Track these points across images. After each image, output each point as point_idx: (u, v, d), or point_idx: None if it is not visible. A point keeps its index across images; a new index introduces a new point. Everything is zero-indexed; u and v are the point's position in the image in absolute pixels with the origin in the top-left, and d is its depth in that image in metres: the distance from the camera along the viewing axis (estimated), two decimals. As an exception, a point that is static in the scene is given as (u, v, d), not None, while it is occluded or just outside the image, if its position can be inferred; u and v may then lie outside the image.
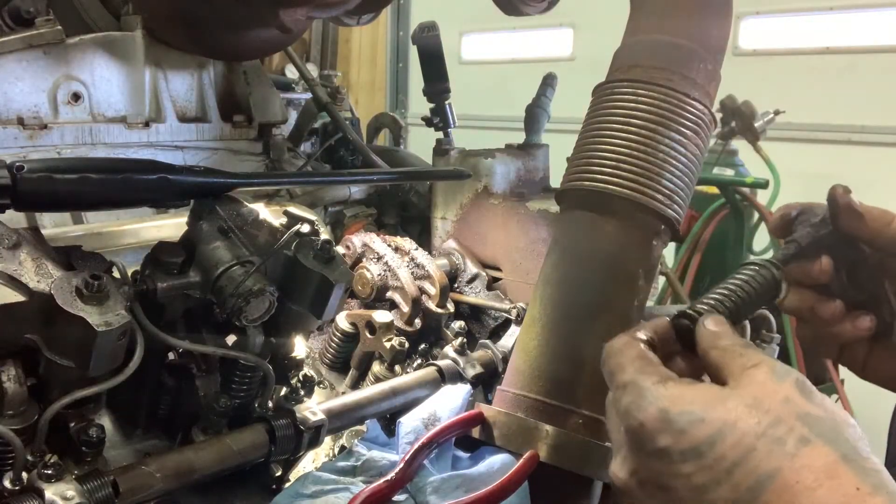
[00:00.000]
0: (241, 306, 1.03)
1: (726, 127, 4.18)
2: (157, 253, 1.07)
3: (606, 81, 1.22)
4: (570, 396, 1.09)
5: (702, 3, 1.23)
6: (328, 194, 1.86)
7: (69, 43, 1.56)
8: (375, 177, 1.75)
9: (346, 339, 1.52)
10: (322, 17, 1.97)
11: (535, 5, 1.99)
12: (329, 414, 1.14)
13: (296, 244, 1.10)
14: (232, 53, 1.82)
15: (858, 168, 4.98)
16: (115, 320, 0.93)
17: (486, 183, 1.75)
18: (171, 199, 1.12)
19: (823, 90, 5.10)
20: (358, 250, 1.64)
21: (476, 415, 1.11)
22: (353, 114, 2.50)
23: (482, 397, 1.41)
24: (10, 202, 0.96)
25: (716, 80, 1.21)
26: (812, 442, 0.64)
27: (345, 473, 1.11)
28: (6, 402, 0.95)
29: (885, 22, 4.94)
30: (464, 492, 1.02)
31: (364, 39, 7.38)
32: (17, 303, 0.93)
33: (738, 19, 5.47)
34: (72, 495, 0.86)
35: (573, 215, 1.19)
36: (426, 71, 2.00)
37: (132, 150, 1.65)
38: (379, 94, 7.61)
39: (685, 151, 1.15)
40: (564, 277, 1.15)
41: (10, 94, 1.49)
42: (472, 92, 5.71)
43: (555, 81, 1.97)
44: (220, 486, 1.11)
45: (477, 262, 1.74)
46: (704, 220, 4.21)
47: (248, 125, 1.87)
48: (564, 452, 1.04)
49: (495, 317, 1.68)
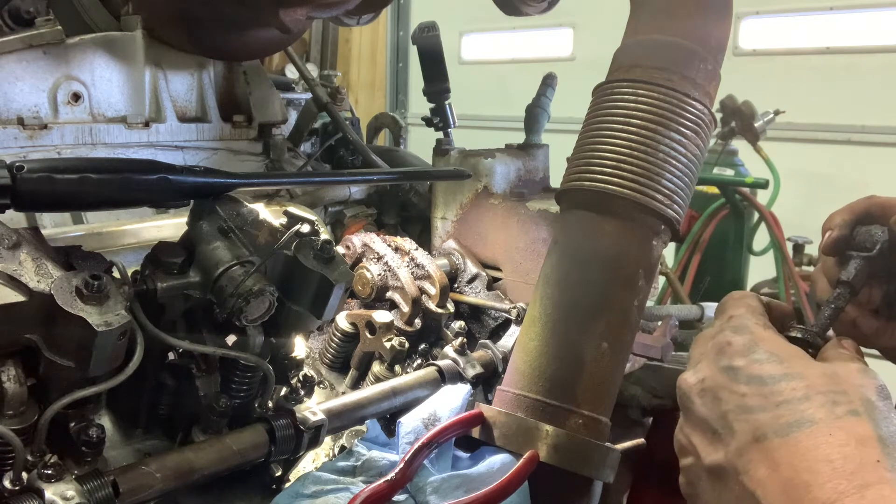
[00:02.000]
0: (241, 306, 1.03)
1: (726, 127, 4.19)
2: (157, 253, 1.07)
3: (606, 81, 1.22)
4: (570, 396, 1.08)
5: (702, 3, 1.23)
6: (328, 194, 1.86)
7: (69, 43, 1.56)
8: (375, 177, 1.75)
9: (346, 339, 1.52)
10: (322, 17, 1.97)
11: (535, 5, 1.99)
12: (329, 414, 1.14)
13: (296, 244, 1.10)
14: (232, 53, 1.82)
15: (858, 168, 4.99)
16: (115, 320, 0.93)
17: (486, 183, 1.75)
18: (171, 199, 1.12)
19: (823, 90, 5.10)
20: (358, 250, 1.64)
21: (476, 415, 1.11)
22: (353, 114, 2.50)
23: (482, 397, 1.41)
24: (10, 202, 0.96)
25: (716, 80, 1.21)
26: (861, 416, 0.68)
27: (345, 473, 1.11)
28: (6, 402, 0.95)
29: (885, 22, 4.94)
30: (464, 492, 1.02)
31: (364, 39, 7.38)
32: (17, 303, 0.93)
33: (738, 19, 5.47)
34: (72, 495, 0.86)
35: (573, 215, 1.19)
36: (426, 71, 2.00)
37: (132, 150, 1.65)
38: (379, 94, 7.61)
39: (685, 151, 1.15)
40: (564, 277, 1.15)
41: (10, 94, 1.49)
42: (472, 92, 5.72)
43: (555, 81, 1.97)
44: (220, 486, 1.11)
45: (477, 262, 1.74)
46: (704, 220, 4.22)
47: (248, 125, 1.87)
48: (564, 452, 1.04)
49: (495, 317, 1.68)
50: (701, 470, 0.76)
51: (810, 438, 0.67)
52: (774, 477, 0.67)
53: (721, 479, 0.73)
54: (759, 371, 0.74)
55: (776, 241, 4.07)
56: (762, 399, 0.72)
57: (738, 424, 0.72)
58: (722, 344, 0.78)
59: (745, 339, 0.77)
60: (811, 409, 0.69)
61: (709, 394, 0.76)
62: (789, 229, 4.11)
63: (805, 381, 0.71)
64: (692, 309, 2.28)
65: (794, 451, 0.67)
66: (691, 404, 0.78)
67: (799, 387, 0.71)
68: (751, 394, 0.73)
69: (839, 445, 0.66)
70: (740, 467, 0.70)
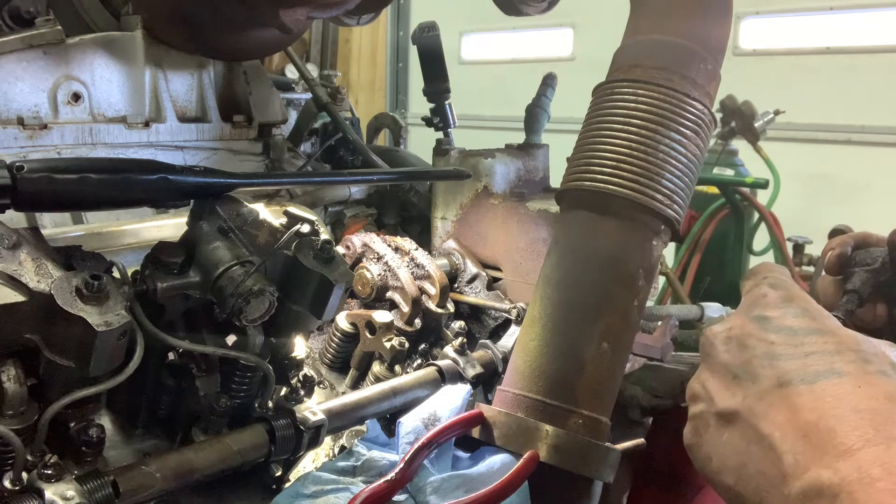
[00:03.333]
0: (241, 306, 1.03)
1: (726, 127, 4.19)
2: (157, 253, 1.07)
3: (606, 81, 1.22)
4: (570, 396, 1.08)
5: (702, 3, 1.22)
6: (328, 194, 1.86)
7: (69, 43, 1.56)
8: (375, 177, 1.75)
9: (346, 339, 1.52)
10: (322, 17, 1.97)
11: (535, 5, 1.99)
12: (329, 414, 1.14)
13: (296, 244, 1.10)
14: (232, 53, 1.82)
15: (858, 168, 4.99)
16: (115, 320, 0.93)
17: (486, 183, 1.75)
18: (171, 199, 1.11)
19: (823, 90, 5.11)
20: (358, 250, 1.64)
21: (476, 415, 1.11)
22: (353, 114, 2.50)
23: (482, 397, 1.41)
24: (10, 202, 0.96)
25: (716, 80, 1.21)
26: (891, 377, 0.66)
27: (345, 473, 1.11)
28: (6, 402, 0.95)
29: (885, 22, 4.95)
30: (464, 492, 1.02)
31: (364, 39, 7.39)
32: (17, 303, 0.93)
33: (738, 19, 5.48)
34: (72, 495, 0.86)
35: (573, 215, 1.19)
36: (426, 71, 2.00)
37: (132, 150, 1.66)
38: (379, 94, 7.62)
39: (685, 151, 1.15)
40: (564, 277, 1.15)
41: (10, 94, 1.49)
42: (472, 92, 5.72)
43: (555, 81, 1.97)
44: (220, 486, 1.11)
45: (477, 262, 1.74)
46: (704, 220, 4.22)
47: (248, 125, 1.87)
48: (564, 452, 1.04)
49: (495, 317, 1.68)
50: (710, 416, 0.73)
51: (838, 388, 0.65)
52: (795, 421, 0.65)
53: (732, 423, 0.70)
54: (791, 323, 0.72)
55: (776, 241, 4.07)
56: (791, 348, 0.70)
57: (762, 370, 0.70)
58: (757, 296, 0.77)
59: (780, 294, 0.76)
60: (841, 363, 0.67)
61: (734, 341, 0.75)
62: (789, 229, 4.11)
63: (837, 337, 0.70)
64: (692, 309, 2.28)
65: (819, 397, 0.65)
66: (714, 350, 0.76)
67: (830, 342, 0.69)
68: (780, 342, 0.71)
69: (868, 398, 0.63)
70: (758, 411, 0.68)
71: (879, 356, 0.68)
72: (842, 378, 0.65)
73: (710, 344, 0.78)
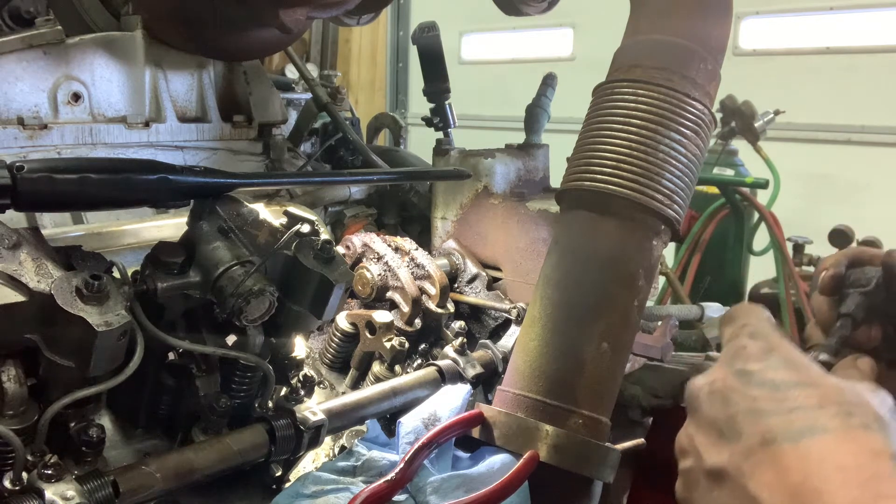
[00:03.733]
0: (241, 306, 1.03)
1: (726, 127, 4.18)
2: (157, 253, 1.07)
3: (606, 81, 1.22)
4: (570, 396, 1.08)
5: (702, 3, 1.23)
6: (328, 194, 1.86)
7: (69, 43, 1.56)
8: (375, 177, 1.75)
9: (346, 339, 1.52)
10: (322, 17, 1.97)
11: (535, 5, 1.99)
12: (329, 414, 1.14)
13: (296, 244, 1.10)
14: (232, 53, 1.82)
15: (858, 168, 4.99)
16: (115, 320, 0.93)
17: (486, 183, 1.75)
18: (171, 199, 1.12)
19: (823, 90, 5.10)
20: (358, 250, 1.64)
21: (476, 415, 1.11)
22: (353, 114, 2.50)
23: (482, 397, 1.41)
24: (10, 202, 0.96)
25: (716, 80, 1.21)
26: (874, 431, 0.66)
27: (345, 473, 1.11)
28: (6, 402, 0.95)
29: (885, 22, 4.94)
30: (464, 492, 1.02)
31: (364, 39, 7.38)
32: (17, 303, 0.93)
33: (738, 19, 5.47)
34: (72, 495, 0.86)
35: (573, 215, 1.19)
36: (426, 71, 2.00)
37: (132, 150, 1.66)
38: (379, 94, 7.62)
39: (685, 151, 1.15)
40: (565, 277, 1.15)
41: (10, 94, 1.49)
42: (472, 92, 5.72)
43: (555, 81, 1.97)
44: (220, 486, 1.11)
45: (477, 262, 1.74)
46: (704, 220, 4.21)
47: (248, 125, 1.87)
48: (564, 452, 1.04)
49: (495, 317, 1.68)
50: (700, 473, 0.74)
51: (823, 445, 0.65)
52: (782, 482, 0.65)
53: (721, 482, 0.71)
54: (773, 376, 0.72)
55: (776, 241, 4.07)
56: (774, 403, 0.70)
57: (746, 427, 0.70)
58: (737, 348, 0.77)
59: (761, 345, 0.76)
60: (824, 418, 0.67)
61: (718, 395, 0.75)
62: (789, 229, 4.11)
63: (819, 390, 0.70)
64: (692, 309, 2.29)
65: (804, 457, 0.65)
66: (698, 404, 0.77)
67: (813, 395, 0.69)
68: (762, 397, 0.71)
69: (853, 455, 0.64)
70: (745, 470, 0.68)
71: (863, 407, 0.68)
72: (826, 434, 0.66)
73: (694, 398, 0.78)
